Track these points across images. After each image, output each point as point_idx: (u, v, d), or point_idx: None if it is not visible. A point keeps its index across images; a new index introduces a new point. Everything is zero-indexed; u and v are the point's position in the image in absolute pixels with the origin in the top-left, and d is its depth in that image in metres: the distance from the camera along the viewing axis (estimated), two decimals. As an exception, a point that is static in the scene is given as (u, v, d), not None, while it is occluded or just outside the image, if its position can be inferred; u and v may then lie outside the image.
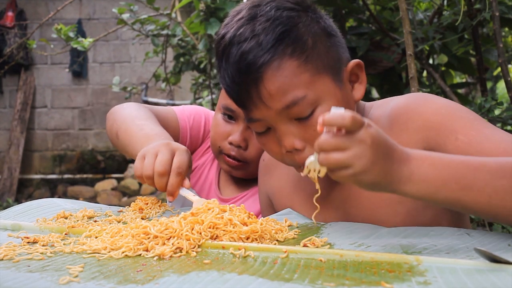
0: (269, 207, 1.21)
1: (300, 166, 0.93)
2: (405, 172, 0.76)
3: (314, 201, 0.93)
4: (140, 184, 5.81)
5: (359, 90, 0.98)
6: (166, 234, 0.81)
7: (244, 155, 1.26)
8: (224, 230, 0.83)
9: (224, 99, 1.26)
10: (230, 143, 1.25)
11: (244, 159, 1.26)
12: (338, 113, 0.73)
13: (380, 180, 0.75)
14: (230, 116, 1.27)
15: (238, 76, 0.89)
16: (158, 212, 1.14)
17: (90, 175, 5.95)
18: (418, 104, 0.95)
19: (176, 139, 1.34)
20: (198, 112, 1.43)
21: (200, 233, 0.82)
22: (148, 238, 0.81)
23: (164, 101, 5.32)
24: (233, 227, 0.84)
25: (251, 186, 1.34)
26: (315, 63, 0.90)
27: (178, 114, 1.38)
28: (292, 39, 0.88)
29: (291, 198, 1.09)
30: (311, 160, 0.78)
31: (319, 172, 0.78)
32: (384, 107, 1.01)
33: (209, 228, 0.83)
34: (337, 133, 0.73)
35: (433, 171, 0.76)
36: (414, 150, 0.79)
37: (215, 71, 2.87)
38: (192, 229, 0.82)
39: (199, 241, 0.81)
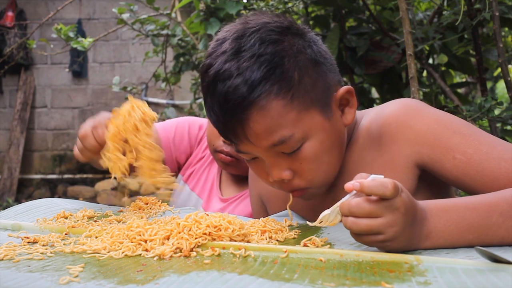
0: (261, 209, 1.21)
1: (288, 192, 0.95)
2: (424, 231, 0.77)
3: (288, 208, 0.96)
4: (140, 184, 5.80)
5: (349, 114, 0.96)
6: (161, 235, 0.81)
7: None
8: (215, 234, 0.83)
9: None
10: (223, 141, 1.30)
11: (237, 155, 1.29)
12: (380, 182, 0.72)
13: (405, 245, 0.76)
14: None
15: (223, 116, 0.87)
16: (158, 212, 1.14)
17: (90, 175, 5.94)
18: (409, 116, 0.94)
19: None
20: (180, 122, 1.48)
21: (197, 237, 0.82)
22: (145, 241, 0.81)
23: (164, 101, 5.32)
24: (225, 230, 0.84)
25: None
26: (302, 99, 0.87)
27: (158, 128, 1.42)
28: (278, 76, 0.85)
29: (283, 205, 1.07)
30: (326, 213, 0.76)
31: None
32: (375, 116, 1.00)
33: (207, 228, 0.83)
34: (368, 198, 0.72)
35: (449, 228, 0.78)
36: (430, 204, 0.79)
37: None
38: (190, 230, 0.82)
39: (198, 242, 0.81)
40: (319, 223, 0.77)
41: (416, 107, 0.96)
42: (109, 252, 0.79)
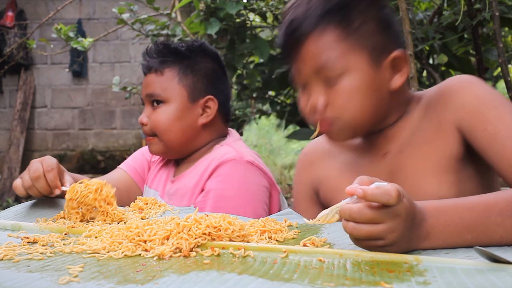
0: (308, 198, 1.24)
1: (317, 122, 1.04)
2: (423, 232, 0.78)
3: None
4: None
5: (397, 80, 1.04)
6: (160, 235, 0.81)
7: (146, 128, 1.44)
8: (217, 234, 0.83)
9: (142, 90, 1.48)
10: (141, 124, 1.46)
11: (150, 132, 1.44)
12: (384, 190, 0.71)
13: (404, 247, 0.76)
14: (143, 103, 1.49)
15: (287, 35, 1.03)
16: (158, 212, 1.14)
17: (90, 175, 5.94)
18: (461, 87, 1.02)
19: (135, 181, 1.57)
20: (135, 152, 1.65)
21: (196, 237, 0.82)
22: (145, 242, 0.81)
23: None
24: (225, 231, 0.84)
25: (193, 165, 1.44)
26: (355, 40, 1.00)
27: (123, 166, 1.59)
28: (341, 15, 1.00)
29: (340, 181, 1.13)
30: (324, 213, 0.77)
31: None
32: (433, 88, 1.09)
33: (207, 229, 0.83)
34: (370, 204, 0.73)
35: (448, 228, 0.79)
36: (429, 205, 0.81)
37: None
38: (189, 230, 0.82)
39: (198, 242, 0.81)
40: (317, 221, 0.78)
41: (470, 80, 1.03)
42: (108, 252, 0.79)
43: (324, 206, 1.19)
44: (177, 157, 1.50)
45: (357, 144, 1.15)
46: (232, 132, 1.54)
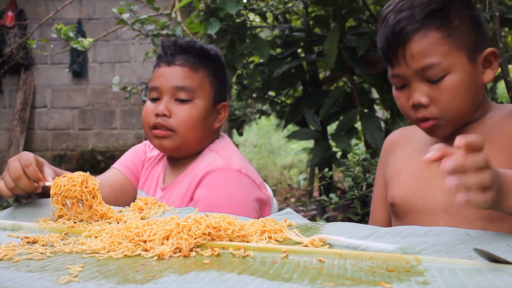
0: (382, 193, 1.29)
1: (418, 122, 1.11)
2: (505, 188, 0.78)
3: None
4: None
5: (489, 75, 1.12)
6: (160, 235, 0.82)
7: (169, 122, 1.38)
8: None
9: (150, 83, 1.44)
10: (157, 115, 1.39)
11: (170, 126, 1.38)
12: (472, 136, 0.71)
13: (499, 204, 0.77)
14: (155, 98, 1.42)
15: (391, 37, 1.09)
16: (158, 212, 1.14)
17: (90, 175, 5.94)
18: None
19: (129, 180, 1.55)
20: (128, 151, 1.63)
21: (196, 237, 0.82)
22: (145, 242, 0.81)
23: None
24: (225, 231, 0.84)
25: (184, 170, 1.43)
26: (456, 40, 1.07)
27: (117, 166, 1.57)
28: (442, 17, 1.07)
29: (405, 160, 1.21)
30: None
31: None
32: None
33: (207, 229, 0.83)
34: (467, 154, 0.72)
35: None
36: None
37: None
38: (189, 230, 0.82)
39: (198, 242, 0.81)
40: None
41: None
42: (108, 252, 0.79)
43: (385, 182, 1.27)
44: (181, 157, 1.47)
45: (434, 138, 1.18)
46: (222, 135, 1.54)
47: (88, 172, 1.11)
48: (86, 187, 1.07)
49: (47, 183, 1.14)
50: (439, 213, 1.10)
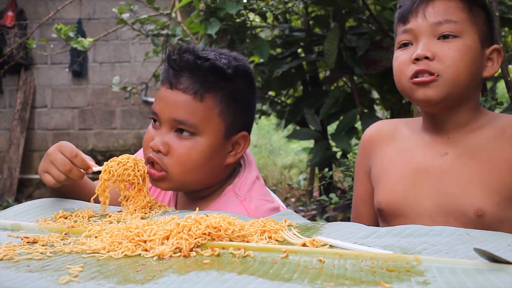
0: (366, 191, 1.29)
1: (414, 77, 1.10)
2: None
3: None
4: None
5: (489, 70, 1.14)
6: (160, 235, 0.82)
7: (164, 160, 1.15)
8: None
9: (153, 106, 1.21)
10: (152, 149, 1.17)
11: (164, 166, 1.15)
12: None
13: None
14: (155, 120, 1.20)
15: None
16: (158, 212, 1.14)
17: (90, 175, 5.94)
18: None
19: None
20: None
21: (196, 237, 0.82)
22: (145, 242, 0.81)
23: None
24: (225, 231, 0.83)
25: (200, 203, 1.21)
26: (474, 18, 1.11)
27: None
28: None
29: (391, 164, 1.21)
30: None
31: None
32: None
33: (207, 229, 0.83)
34: None
35: None
36: None
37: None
38: (189, 230, 0.82)
39: (198, 242, 0.81)
40: None
41: None
42: (108, 252, 0.79)
43: (372, 183, 1.27)
44: (188, 191, 1.27)
45: (420, 138, 1.20)
46: (245, 160, 1.29)
47: (135, 155, 1.15)
48: (138, 170, 1.11)
49: (94, 169, 1.16)
50: (425, 220, 1.10)
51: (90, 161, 1.16)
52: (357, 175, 1.34)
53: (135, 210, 1.12)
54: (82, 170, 1.15)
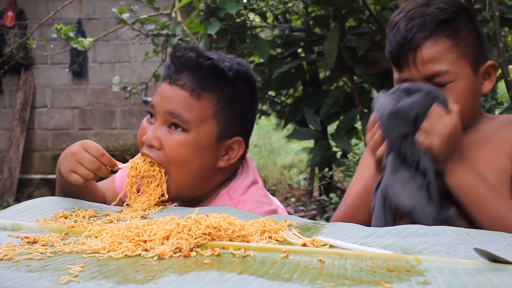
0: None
1: None
2: (457, 156, 1.04)
3: None
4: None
5: (487, 86, 1.18)
6: (160, 235, 0.82)
7: (157, 156, 1.16)
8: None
9: (152, 99, 1.22)
10: (144, 144, 1.18)
11: (160, 161, 1.16)
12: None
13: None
14: (152, 114, 1.20)
15: (402, 42, 1.13)
16: (157, 209, 1.14)
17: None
18: None
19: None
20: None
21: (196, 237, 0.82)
22: (145, 242, 0.81)
23: (164, 101, 5.30)
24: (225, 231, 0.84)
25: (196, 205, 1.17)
26: (463, 50, 1.13)
27: (116, 177, 1.38)
28: (451, 26, 1.13)
29: None
30: None
31: None
32: (504, 116, 1.25)
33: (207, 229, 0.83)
34: None
35: (473, 177, 1.05)
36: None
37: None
38: (189, 230, 0.82)
39: (198, 242, 0.81)
40: None
41: None
42: (108, 252, 0.79)
43: None
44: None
45: None
46: (245, 167, 1.27)
47: None
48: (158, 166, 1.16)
49: (120, 166, 1.19)
50: None
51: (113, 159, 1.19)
52: (359, 170, 1.35)
53: (148, 206, 1.15)
54: (110, 168, 1.18)
